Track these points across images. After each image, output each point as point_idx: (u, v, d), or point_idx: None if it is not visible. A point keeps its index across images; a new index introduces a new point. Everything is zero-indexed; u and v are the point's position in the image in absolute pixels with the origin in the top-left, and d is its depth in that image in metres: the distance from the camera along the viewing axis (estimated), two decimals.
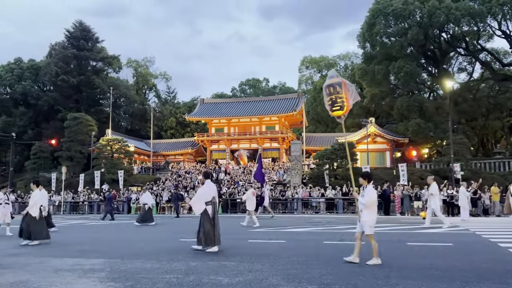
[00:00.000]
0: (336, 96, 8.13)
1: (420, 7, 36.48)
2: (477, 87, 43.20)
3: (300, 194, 28.23)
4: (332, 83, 8.23)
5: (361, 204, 7.43)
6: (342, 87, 8.09)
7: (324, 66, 64.20)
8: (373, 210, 7.41)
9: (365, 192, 7.46)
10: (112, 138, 42.52)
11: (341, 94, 8.08)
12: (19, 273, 6.94)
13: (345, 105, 8.13)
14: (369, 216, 7.36)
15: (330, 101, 8.22)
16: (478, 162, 37.06)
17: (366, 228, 7.35)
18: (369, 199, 7.35)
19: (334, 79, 8.27)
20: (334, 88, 8.16)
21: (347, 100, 8.14)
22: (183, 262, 7.67)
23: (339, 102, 8.10)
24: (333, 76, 8.39)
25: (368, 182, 7.50)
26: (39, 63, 56.67)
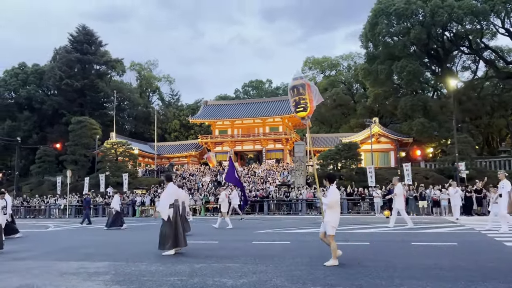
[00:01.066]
0: (300, 98, 8.28)
1: (423, 6, 36.39)
2: (481, 85, 43.01)
3: (305, 195, 28.20)
4: (296, 85, 8.35)
5: (324, 204, 7.56)
6: (305, 89, 8.24)
7: (327, 66, 64.13)
8: (335, 210, 7.53)
9: (328, 193, 7.61)
10: (116, 141, 42.66)
11: (304, 95, 8.23)
12: (25, 276, 6.98)
13: (308, 106, 8.30)
14: (331, 217, 7.44)
15: (294, 102, 8.38)
16: (483, 160, 36.87)
17: (328, 228, 7.42)
18: (332, 199, 7.46)
19: (298, 81, 8.39)
20: (298, 89, 8.30)
21: (311, 101, 8.30)
22: (188, 264, 7.69)
23: (302, 103, 8.27)
24: (297, 77, 8.49)
25: (331, 183, 7.65)
26: (43, 67, 56.99)
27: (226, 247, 10.20)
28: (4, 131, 51.53)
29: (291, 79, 8.59)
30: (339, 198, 7.90)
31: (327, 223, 7.45)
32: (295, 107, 8.42)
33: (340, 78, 61.85)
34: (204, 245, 10.71)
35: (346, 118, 56.60)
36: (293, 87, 8.39)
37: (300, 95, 8.26)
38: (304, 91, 8.23)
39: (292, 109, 8.56)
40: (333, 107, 56.99)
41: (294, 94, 8.36)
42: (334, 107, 56.96)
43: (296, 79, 8.48)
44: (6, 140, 46.29)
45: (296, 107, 8.36)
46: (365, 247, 9.62)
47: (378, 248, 9.50)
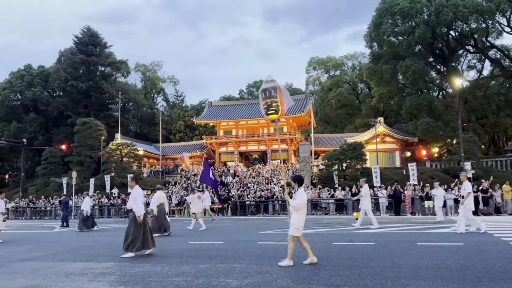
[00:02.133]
0: (271, 101, 8.31)
1: (427, 5, 36.26)
2: (487, 84, 42.77)
3: (309, 195, 28.11)
4: (267, 88, 8.36)
5: (291, 207, 7.60)
6: (277, 92, 8.26)
7: (331, 66, 64.02)
8: (302, 213, 7.59)
9: (296, 195, 7.62)
10: (121, 142, 42.81)
11: (276, 98, 8.25)
12: (30, 277, 7.01)
13: (279, 109, 8.33)
14: (297, 219, 7.51)
15: (266, 105, 8.39)
16: (489, 160, 36.64)
17: (292, 229, 7.47)
18: (299, 202, 7.50)
19: (270, 84, 8.39)
20: (269, 92, 8.31)
21: (282, 104, 8.32)
22: (192, 265, 7.69)
23: (274, 106, 8.30)
24: (268, 80, 8.50)
25: (299, 185, 7.68)
26: (49, 69, 57.30)
27: (230, 247, 10.19)
28: (10, 133, 51.84)
29: (263, 82, 8.60)
30: (306, 200, 7.98)
31: (292, 225, 7.52)
32: (266, 110, 8.41)
33: (344, 78, 61.71)
34: (209, 246, 10.71)
35: (351, 118, 56.46)
36: (264, 90, 8.40)
37: (271, 98, 8.29)
38: (275, 94, 8.25)
39: (263, 111, 8.54)
40: (337, 107, 56.88)
41: (265, 97, 8.38)
42: (339, 107, 56.85)
43: (267, 82, 8.49)
44: (12, 142, 46.56)
45: (268, 110, 8.37)
46: (371, 247, 9.58)
47: (383, 248, 9.45)
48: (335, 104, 56.62)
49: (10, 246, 12.26)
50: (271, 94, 8.31)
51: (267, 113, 8.45)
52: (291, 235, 7.51)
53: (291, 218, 7.62)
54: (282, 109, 8.37)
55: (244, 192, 31.01)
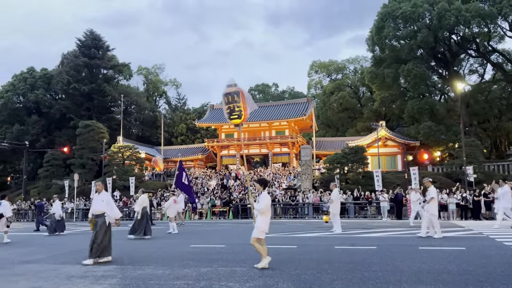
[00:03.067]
0: (234, 105, 8.32)
1: (430, 10, 36.29)
2: (489, 88, 42.75)
3: (311, 199, 28.13)
4: (230, 92, 8.34)
5: (256, 210, 7.60)
6: (240, 96, 8.25)
7: (333, 70, 64.07)
8: (266, 215, 7.59)
9: (260, 198, 7.62)
10: (123, 145, 42.85)
11: (239, 103, 8.26)
12: (32, 280, 7.03)
13: (243, 114, 8.32)
14: (262, 222, 7.51)
15: (229, 110, 8.39)
16: (491, 164, 36.57)
17: (257, 232, 7.48)
18: (264, 205, 7.51)
19: (232, 88, 8.37)
20: (232, 97, 8.31)
21: (245, 109, 8.31)
22: (194, 268, 7.69)
23: (237, 110, 8.30)
24: (230, 84, 8.48)
25: (264, 188, 7.68)
26: (51, 72, 57.47)
27: (232, 251, 10.19)
28: (12, 135, 51.97)
29: (225, 86, 8.57)
30: (270, 203, 8.01)
31: (257, 228, 7.52)
32: (229, 114, 8.40)
33: (346, 81, 61.74)
34: (210, 249, 10.71)
35: (353, 121, 56.45)
36: (226, 94, 8.38)
37: (234, 102, 8.28)
38: (238, 99, 8.24)
39: (226, 116, 8.50)
40: (339, 111, 56.89)
41: (228, 101, 8.36)
42: (341, 110, 56.87)
43: (230, 86, 8.46)
44: (14, 144, 46.65)
45: (231, 114, 8.36)
46: (372, 252, 9.57)
47: (385, 252, 9.44)
48: (337, 108, 56.63)
49: (12, 248, 12.28)
50: (234, 98, 8.28)
51: (230, 117, 8.40)
52: (255, 237, 7.49)
53: (256, 221, 7.60)
54: (245, 114, 8.31)
55: (245, 195, 31.00)
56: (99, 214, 8.96)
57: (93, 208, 9.15)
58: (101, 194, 9.21)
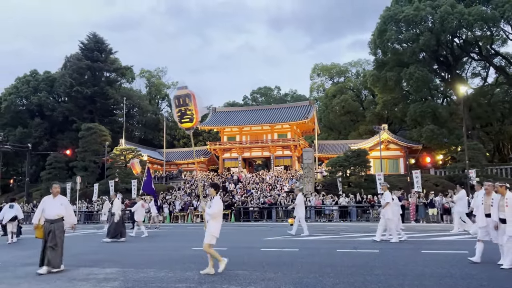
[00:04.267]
0: (185, 108, 8.13)
1: (432, 13, 36.28)
2: (492, 92, 42.66)
3: (313, 202, 28.09)
4: (180, 95, 8.17)
5: (207, 215, 7.52)
6: (191, 99, 8.08)
7: (335, 73, 64.09)
8: (218, 221, 7.55)
9: (212, 203, 7.58)
10: (126, 148, 42.93)
11: (190, 106, 8.07)
12: (35, 282, 7.04)
13: (194, 117, 8.15)
14: (214, 227, 7.45)
15: (180, 113, 8.19)
16: (494, 168, 36.45)
17: (209, 237, 7.40)
18: (216, 210, 7.46)
19: (183, 91, 8.21)
20: (183, 100, 8.14)
21: (197, 112, 8.14)
22: (196, 271, 7.69)
23: (188, 114, 8.12)
24: (181, 87, 8.34)
25: (217, 193, 7.66)
26: (54, 74, 57.69)
27: (234, 254, 10.18)
28: (15, 138, 52.13)
29: (176, 89, 8.51)
30: (222, 208, 7.98)
31: (208, 233, 7.44)
32: (180, 118, 8.21)
33: (348, 84, 61.74)
34: None
35: (355, 124, 56.40)
36: (177, 97, 8.22)
37: (185, 105, 8.12)
38: (189, 102, 8.08)
39: (177, 119, 8.31)
40: (341, 114, 56.86)
41: (178, 104, 8.19)
42: (343, 113, 56.83)
43: (180, 88, 8.33)
44: (17, 147, 46.77)
45: (182, 118, 8.18)
46: (375, 255, 9.55)
47: (387, 255, 9.42)
48: (339, 111, 56.60)
49: (15, 251, 12.30)
50: (185, 101, 8.12)
51: (181, 121, 8.22)
52: (207, 243, 7.40)
53: (208, 226, 7.51)
54: (196, 118, 8.16)
55: (247, 198, 30.98)
56: (57, 219, 8.24)
57: (48, 213, 8.28)
58: (58, 197, 8.51)
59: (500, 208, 7.71)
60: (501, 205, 7.71)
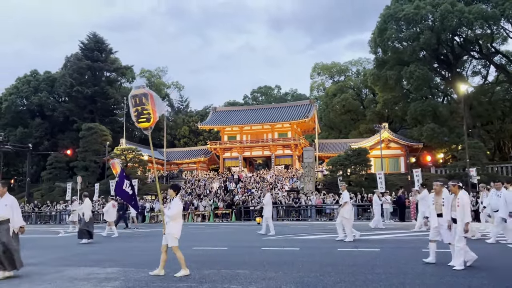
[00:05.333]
0: (142, 108, 8.02)
1: (432, 11, 36.23)
2: (492, 90, 42.62)
3: (314, 201, 28.07)
4: (137, 94, 8.06)
5: (166, 216, 7.40)
6: (148, 99, 7.97)
7: (335, 72, 64.05)
8: (178, 222, 7.45)
9: (171, 204, 7.47)
10: (126, 148, 42.95)
11: (147, 106, 7.97)
12: (36, 282, 7.04)
13: (151, 117, 8.04)
14: (174, 228, 7.33)
15: (136, 112, 8.08)
16: (494, 166, 36.42)
17: (171, 240, 7.28)
18: (175, 211, 7.36)
19: (140, 90, 8.11)
20: (140, 99, 8.03)
21: (154, 112, 8.05)
22: (197, 270, 7.69)
23: (145, 113, 8.01)
24: (138, 86, 8.24)
25: (176, 194, 7.53)
26: (55, 74, 57.70)
27: (235, 253, 10.18)
28: (16, 138, 52.15)
29: (133, 88, 8.32)
30: (182, 209, 7.88)
31: (169, 235, 7.31)
32: (137, 117, 8.10)
33: (349, 83, 61.69)
34: (213, 251, 10.71)
35: (355, 123, 56.37)
36: (133, 96, 8.10)
37: (142, 105, 8.00)
38: (146, 101, 7.97)
39: (134, 119, 8.21)
40: (342, 113, 56.83)
41: (135, 104, 8.08)
42: (343, 112, 56.80)
43: (137, 87, 8.21)
44: (18, 147, 46.81)
45: (139, 117, 8.06)
46: (376, 254, 9.54)
47: (388, 254, 9.41)
48: (340, 110, 56.58)
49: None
50: (142, 101, 8.00)
51: (138, 121, 8.11)
52: (173, 246, 7.28)
53: (167, 228, 7.36)
54: (154, 117, 8.07)
55: (248, 197, 30.98)
56: (2, 221, 7.67)
57: None
58: (4, 197, 7.90)
59: (452, 208, 7.57)
60: (453, 205, 7.56)
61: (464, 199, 7.39)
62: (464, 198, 7.41)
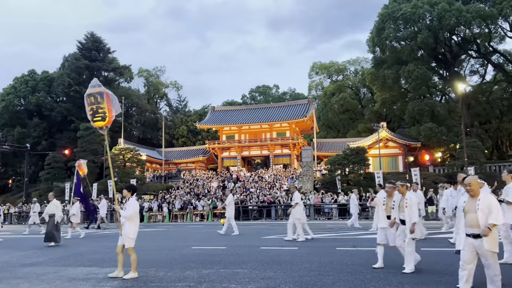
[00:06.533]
0: (97, 106, 7.92)
1: (430, 11, 36.29)
2: (490, 89, 42.73)
3: (312, 200, 28.10)
4: (92, 93, 7.98)
5: (123, 217, 7.30)
6: (104, 98, 7.88)
7: (334, 71, 64.08)
8: (135, 223, 7.35)
9: (127, 205, 7.37)
10: (124, 147, 42.89)
11: (102, 104, 7.88)
12: (35, 282, 7.03)
13: (107, 116, 7.93)
14: (130, 229, 7.23)
15: (92, 111, 7.98)
16: (492, 165, 36.54)
17: (127, 241, 7.18)
18: (132, 212, 7.27)
19: (96, 89, 8.03)
20: (95, 98, 7.94)
21: (110, 111, 7.93)
22: (195, 270, 7.68)
23: (100, 112, 7.91)
24: (94, 85, 8.14)
25: (132, 194, 7.45)
26: (52, 74, 57.57)
27: (233, 252, 10.18)
28: (14, 138, 52.04)
29: (89, 87, 8.22)
30: (138, 210, 7.82)
31: (125, 236, 7.21)
32: (92, 116, 7.99)
33: (347, 83, 61.74)
34: (212, 251, 10.70)
35: (354, 123, 56.43)
36: (89, 95, 8.01)
37: (98, 103, 7.91)
38: (102, 100, 7.87)
39: (89, 117, 8.10)
40: (340, 112, 56.87)
41: (90, 102, 7.99)
42: (342, 112, 56.84)
43: (93, 86, 8.11)
44: (16, 147, 46.71)
45: (94, 116, 7.96)
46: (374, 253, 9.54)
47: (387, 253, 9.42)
48: (338, 109, 56.62)
49: (14, 251, 12.28)
50: (97, 99, 7.90)
51: (93, 119, 8.00)
52: (129, 247, 7.18)
53: (123, 229, 7.25)
54: (109, 116, 7.94)
55: (247, 197, 30.98)
56: None
57: None
58: None
59: (400, 209, 7.23)
60: (401, 206, 7.22)
61: (413, 199, 7.12)
62: (413, 198, 7.15)
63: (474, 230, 5.21)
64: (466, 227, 5.35)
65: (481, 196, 5.23)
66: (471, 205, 5.27)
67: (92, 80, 8.35)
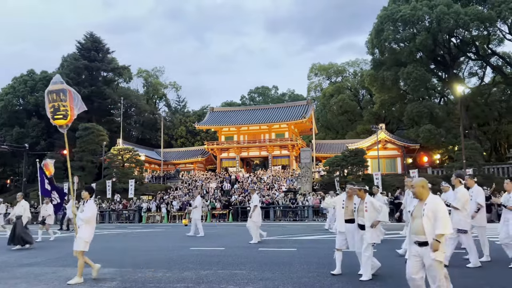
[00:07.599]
0: (59, 104, 7.70)
1: (429, 13, 36.35)
2: (489, 91, 42.81)
3: (311, 202, 28.10)
4: (54, 90, 7.76)
5: (79, 219, 7.11)
6: (67, 95, 7.68)
7: (333, 73, 64.13)
8: (91, 226, 7.20)
9: (85, 207, 7.19)
10: (123, 148, 42.85)
11: (65, 102, 7.68)
12: (33, 283, 7.02)
13: (69, 114, 7.76)
14: (86, 232, 7.10)
15: (53, 108, 7.75)
16: (491, 167, 36.59)
17: (81, 244, 7.00)
18: (89, 214, 7.13)
19: (58, 86, 7.80)
20: (57, 95, 7.72)
21: (72, 109, 7.77)
22: (194, 271, 7.68)
23: (62, 110, 7.71)
24: (56, 82, 7.91)
25: (90, 196, 7.31)
26: (51, 74, 57.34)
27: (232, 253, 10.18)
28: (12, 138, 51.93)
29: (50, 83, 8.00)
30: (96, 212, 7.67)
31: (80, 239, 7.04)
32: (53, 114, 7.77)
33: (346, 84, 61.80)
34: (210, 252, 10.70)
35: (353, 124, 56.48)
36: (51, 91, 7.77)
37: (60, 101, 7.68)
38: (65, 97, 7.67)
39: (49, 115, 7.88)
40: (339, 113, 56.91)
41: (52, 99, 7.75)
42: (340, 113, 56.89)
43: (55, 83, 7.88)
44: (14, 147, 46.62)
45: (55, 114, 7.74)
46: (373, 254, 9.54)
47: (384, 255, 9.43)
48: (337, 110, 56.65)
49: (12, 251, 12.26)
50: (60, 97, 7.68)
51: (54, 117, 7.80)
52: (80, 251, 7.00)
53: (79, 232, 7.08)
54: (71, 114, 7.80)
55: (245, 198, 30.96)
56: None
57: None
58: None
59: (359, 213, 7.06)
60: (360, 210, 7.05)
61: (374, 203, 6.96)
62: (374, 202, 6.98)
63: (420, 237, 4.82)
64: (411, 234, 4.96)
65: (428, 200, 4.85)
66: (418, 210, 4.91)
67: (54, 77, 8.08)
